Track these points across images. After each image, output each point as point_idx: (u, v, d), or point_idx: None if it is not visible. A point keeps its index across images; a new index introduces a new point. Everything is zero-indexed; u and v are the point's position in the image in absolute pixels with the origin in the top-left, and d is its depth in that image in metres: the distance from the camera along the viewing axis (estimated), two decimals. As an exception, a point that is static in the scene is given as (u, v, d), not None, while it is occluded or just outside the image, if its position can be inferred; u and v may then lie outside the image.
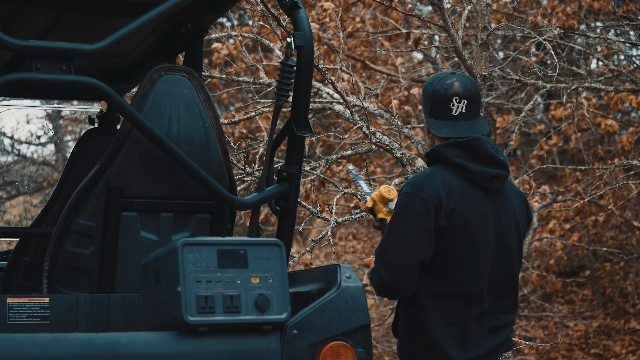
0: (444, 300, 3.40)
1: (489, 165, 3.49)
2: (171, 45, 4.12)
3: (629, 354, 10.17)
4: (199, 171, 3.30)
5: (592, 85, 7.32)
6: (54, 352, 2.80)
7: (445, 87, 3.53)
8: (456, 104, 3.53)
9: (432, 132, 3.56)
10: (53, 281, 3.41)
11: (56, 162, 13.98)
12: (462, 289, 3.39)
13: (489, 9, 5.95)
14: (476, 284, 3.40)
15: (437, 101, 3.55)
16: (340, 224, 6.14)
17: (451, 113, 3.53)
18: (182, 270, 2.94)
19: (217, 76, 6.91)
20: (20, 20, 3.83)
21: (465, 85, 3.53)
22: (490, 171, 3.49)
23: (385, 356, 10.69)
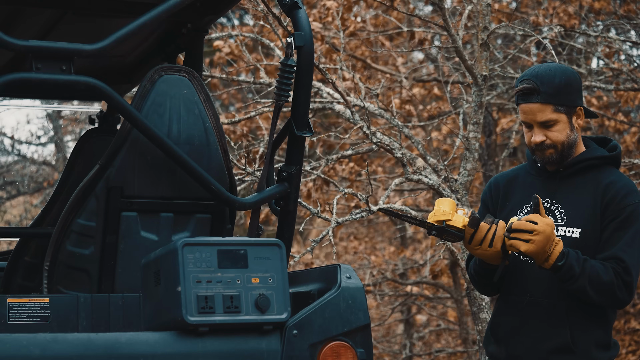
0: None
1: None
2: (171, 45, 4.12)
3: (629, 354, 10.16)
4: (199, 171, 3.30)
5: (592, 84, 7.31)
6: (54, 352, 2.80)
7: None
8: None
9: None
10: (53, 281, 3.40)
11: (56, 162, 13.98)
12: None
13: (489, 9, 5.95)
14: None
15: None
16: (341, 224, 6.13)
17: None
18: (182, 270, 2.94)
19: (217, 76, 6.91)
20: (20, 20, 3.83)
21: None
22: None
23: (386, 356, 10.70)
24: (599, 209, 3.50)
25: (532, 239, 3.33)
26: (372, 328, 4.89)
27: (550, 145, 3.52)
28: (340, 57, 6.56)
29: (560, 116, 3.50)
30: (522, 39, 7.69)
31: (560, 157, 3.54)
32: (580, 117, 3.56)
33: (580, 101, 3.56)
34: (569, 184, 3.57)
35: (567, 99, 3.51)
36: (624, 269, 3.42)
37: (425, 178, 6.01)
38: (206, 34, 4.10)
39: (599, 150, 3.61)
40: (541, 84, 3.49)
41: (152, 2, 3.32)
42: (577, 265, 3.38)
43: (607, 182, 3.53)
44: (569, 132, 3.52)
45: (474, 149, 5.88)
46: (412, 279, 10.32)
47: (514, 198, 3.64)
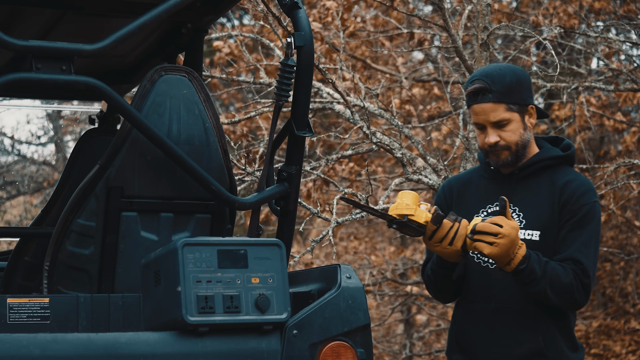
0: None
1: None
2: (171, 45, 4.12)
3: (629, 354, 10.17)
4: (199, 171, 3.30)
5: (592, 85, 7.31)
6: (54, 352, 2.80)
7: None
8: None
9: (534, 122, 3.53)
10: (53, 281, 3.40)
11: (56, 162, 13.98)
12: None
13: (489, 9, 5.95)
14: None
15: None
16: (341, 224, 6.14)
17: None
18: (182, 270, 2.94)
19: (217, 76, 6.91)
20: (20, 20, 3.83)
21: None
22: None
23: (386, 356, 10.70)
24: (556, 210, 3.46)
25: (497, 242, 3.28)
26: (372, 328, 4.89)
27: (505, 147, 3.48)
28: (340, 57, 6.56)
29: (513, 115, 3.46)
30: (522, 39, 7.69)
31: (515, 159, 3.50)
32: (533, 115, 3.51)
33: (532, 100, 3.52)
34: (524, 186, 3.53)
35: (519, 97, 3.47)
36: (583, 270, 3.41)
37: (425, 178, 6.02)
38: (206, 34, 4.09)
39: (553, 150, 3.57)
40: (492, 83, 3.45)
41: (152, 2, 3.32)
42: (538, 268, 3.34)
43: (563, 181, 3.50)
44: (522, 131, 3.48)
45: (474, 149, 5.89)
46: (412, 279, 10.32)
47: (469, 203, 3.59)
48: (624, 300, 11.22)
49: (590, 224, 3.44)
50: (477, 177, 3.62)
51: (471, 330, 3.53)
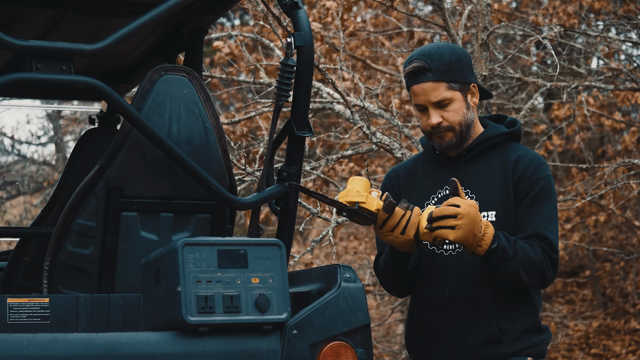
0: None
1: None
2: (171, 45, 4.12)
3: (629, 354, 10.17)
4: (199, 171, 3.30)
5: (592, 84, 7.31)
6: (54, 352, 2.80)
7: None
8: None
9: (478, 100, 3.43)
10: (53, 281, 3.40)
11: (56, 162, 13.98)
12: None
13: (489, 9, 5.95)
14: None
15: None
16: (341, 224, 6.14)
17: None
18: (182, 270, 2.94)
19: (217, 76, 6.91)
20: (20, 20, 3.83)
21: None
22: None
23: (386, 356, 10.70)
24: (510, 187, 3.34)
25: (458, 224, 3.13)
26: (372, 328, 4.89)
27: (448, 128, 3.36)
28: (340, 57, 6.56)
29: (454, 94, 3.35)
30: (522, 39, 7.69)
31: (459, 140, 3.38)
32: (475, 94, 3.40)
33: (473, 78, 3.41)
34: (474, 166, 3.41)
35: (460, 75, 3.35)
36: (549, 246, 3.28)
37: (425, 178, 6.01)
38: (206, 34, 4.09)
39: (499, 128, 3.45)
40: (431, 62, 3.33)
41: (152, 2, 3.32)
42: (509, 248, 3.21)
43: (515, 157, 3.37)
44: (465, 110, 3.37)
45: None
46: (412, 279, 10.29)
47: (417, 190, 3.46)
48: (624, 300, 11.22)
49: (549, 198, 3.33)
50: (423, 164, 3.50)
51: (427, 321, 3.42)
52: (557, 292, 12.10)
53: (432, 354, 3.41)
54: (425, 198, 3.43)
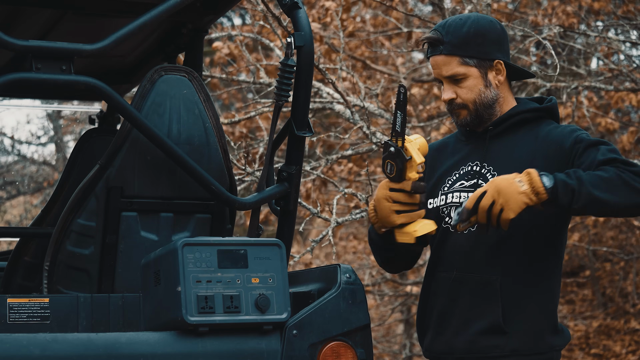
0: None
1: None
2: (171, 45, 4.12)
3: (629, 354, 10.17)
4: (199, 171, 3.30)
5: (592, 85, 7.32)
6: (54, 352, 2.80)
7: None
8: None
9: (509, 79, 3.19)
10: (53, 281, 3.41)
11: (56, 162, 13.99)
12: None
13: (489, 9, 5.95)
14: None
15: (507, 41, 3.20)
16: (341, 224, 6.14)
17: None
18: (182, 270, 2.94)
19: (217, 76, 6.92)
20: (20, 20, 3.83)
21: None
22: None
23: (386, 356, 10.70)
24: (542, 160, 3.07)
25: (495, 198, 2.92)
26: (372, 328, 4.89)
27: (461, 105, 3.15)
28: (339, 57, 6.56)
29: (469, 70, 3.12)
30: (521, 39, 7.69)
31: (476, 119, 3.16)
32: (502, 72, 3.16)
33: (501, 55, 3.15)
34: (500, 142, 3.18)
35: (478, 50, 3.12)
36: (623, 162, 2.95)
37: (425, 178, 6.01)
38: (206, 34, 4.10)
39: (531, 103, 3.21)
40: (446, 34, 3.12)
41: (152, 2, 3.32)
42: (569, 179, 2.92)
43: (546, 131, 3.14)
44: (483, 88, 3.13)
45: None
46: (412, 279, 10.32)
47: (443, 165, 3.28)
48: (624, 300, 11.22)
49: (601, 142, 3.03)
50: (454, 141, 3.31)
51: (434, 303, 3.23)
52: (557, 292, 12.10)
53: (434, 337, 3.23)
54: (448, 174, 3.24)
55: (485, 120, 3.17)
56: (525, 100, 3.24)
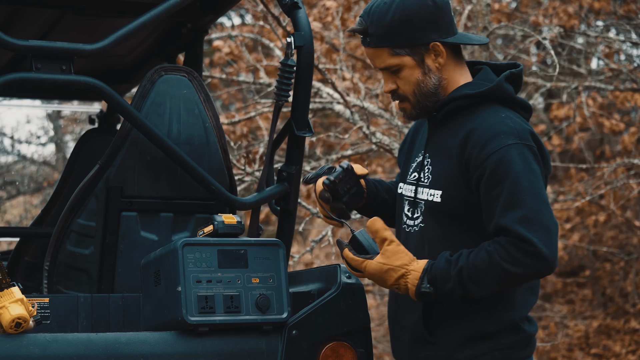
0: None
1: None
2: (171, 45, 4.12)
3: (629, 353, 10.17)
4: (199, 171, 3.30)
5: (592, 85, 7.32)
6: (54, 352, 2.80)
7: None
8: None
9: (450, 58, 2.83)
10: (53, 281, 3.41)
11: (56, 162, 13.99)
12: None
13: (489, 9, 5.95)
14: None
15: (446, 12, 2.84)
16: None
17: (455, 27, 2.86)
18: (182, 270, 2.94)
19: (217, 76, 6.91)
20: (20, 21, 3.83)
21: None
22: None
23: (386, 356, 10.69)
24: (460, 165, 2.75)
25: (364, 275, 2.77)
26: (372, 328, 4.89)
27: (403, 97, 2.85)
28: (340, 57, 6.56)
29: (402, 60, 2.81)
30: (522, 39, 7.69)
31: (421, 111, 2.86)
32: (441, 53, 2.81)
33: (437, 35, 2.79)
34: (441, 132, 2.86)
35: (408, 37, 2.78)
36: (517, 237, 2.62)
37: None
38: (206, 34, 4.10)
39: (470, 86, 2.84)
40: (370, 24, 2.81)
41: (152, 2, 3.32)
42: (453, 291, 2.68)
43: (470, 128, 2.76)
44: (421, 77, 2.81)
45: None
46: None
47: (413, 149, 3.01)
48: (624, 300, 11.22)
49: (508, 175, 2.65)
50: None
51: (389, 305, 3.01)
52: (557, 292, 12.10)
53: (392, 344, 3.01)
54: (411, 160, 2.98)
55: (431, 109, 2.86)
56: (483, 74, 2.89)
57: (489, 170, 2.68)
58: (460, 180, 2.75)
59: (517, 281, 2.70)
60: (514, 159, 2.67)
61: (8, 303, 2.76)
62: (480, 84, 2.83)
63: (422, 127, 2.98)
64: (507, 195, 2.64)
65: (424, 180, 2.85)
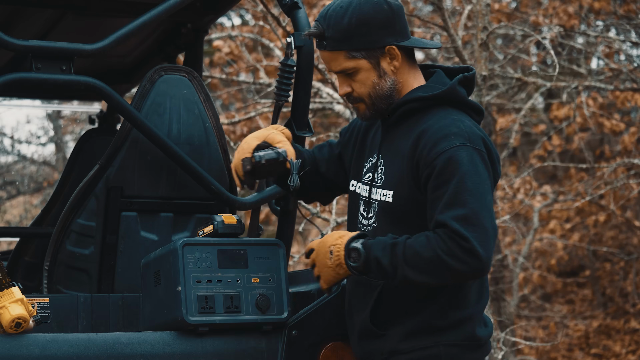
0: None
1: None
2: (171, 45, 4.12)
3: (629, 353, 10.17)
4: (199, 171, 3.30)
5: (592, 84, 7.32)
6: (54, 352, 2.80)
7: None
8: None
9: (404, 60, 2.86)
10: (53, 281, 3.41)
11: (56, 162, 13.99)
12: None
13: (489, 9, 5.95)
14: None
15: (401, 16, 2.87)
16: (341, 224, 6.14)
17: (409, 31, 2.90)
18: (182, 270, 2.94)
19: (217, 76, 6.91)
20: (20, 21, 3.83)
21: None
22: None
23: (386, 356, 10.71)
24: (410, 166, 2.80)
25: (315, 262, 2.87)
26: (372, 328, 4.88)
27: (358, 99, 2.88)
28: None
29: (358, 63, 2.84)
30: (522, 39, 7.69)
31: (375, 113, 2.89)
32: (397, 57, 2.84)
33: (393, 38, 2.83)
34: (394, 134, 2.90)
35: (364, 41, 2.82)
36: (453, 232, 2.67)
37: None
38: (206, 34, 4.10)
39: (423, 89, 2.88)
40: (327, 27, 2.83)
41: (152, 2, 3.32)
42: (383, 256, 2.72)
43: (422, 129, 2.80)
44: (377, 79, 2.84)
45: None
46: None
47: (364, 146, 3.02)
48: (624, 300, 11.23)
49: (456, 174, 2.71)
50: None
51: (345, 301, 3.05)
52: (557, 292, 12.11)
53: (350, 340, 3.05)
54: (364, 159, 3.00)
55: (385, 111, 2.90)
56: (436, 78, 2.92)
57: (437, 169, 2.73)
58: (411, 180, 2.80)
59: (450, 275, 2.71)
60: (461, 159, 2.72)
61: (8, 303, 2.76)
62: (433, 87, 2.87)
63: (373, 127, 3.01)
64: (451, 194, 2.70)
65: (377, 181, 2.89)
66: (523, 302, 11.30)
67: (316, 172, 3.12)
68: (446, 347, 2.81)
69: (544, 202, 9.39)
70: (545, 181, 11.52)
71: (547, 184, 10.91)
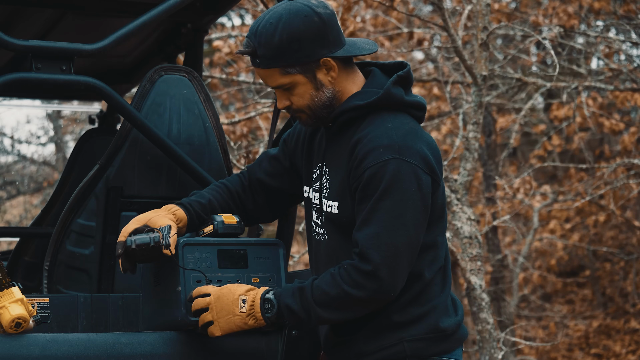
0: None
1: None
2: (171, 45, 4.12)
3: (629, 353, 10.18)
4: (199, 171, 3.30)
5: (592, 85, 7.32)
6: (54, 352, 2.80)
7: (325, 5, 2.82)
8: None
9: (340, 67, 2.81)
10: (53, 281, 3.41)
11: (56, 162, 13.99)
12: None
13: (489, 9, 5.96)
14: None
15: (333, 25, 2.82)
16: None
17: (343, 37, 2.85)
18: (182, 270, 2.94)
19: (217, 76, 6.91)
20: (20, 21, 3.83)
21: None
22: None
23: (386, 356, 10.71)
24: (347, 176, 2.79)
25: (211, 306, 2.83)
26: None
27: (299, 110, 2.85)
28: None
29: (294, 78, 2.79)
30: (522, 39, 7.70)
31: (317, 120, 2.85)
32: (333, 67, 2.80)
33: (326, 50, 2.78)
34: (336, 143, 2.87)
35: (298, 56, 2.77)
36: (360, 256, 2.69)
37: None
38: (206, 34, 4.10)
39: (363, 95, 2.83)
40: (259, 45, 2.77)
41: (152, 2, 3.32)
42: (295, 303, 2.75)
43: (356, 139, 2.78)
44: (314, 92, 2.80)
45: (473, 149, 5.88)
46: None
47: (312, 153, 2.98)
48: (624, 300, 11.23)
49: (375, 192, 2.70)
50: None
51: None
52: (557, 292, 12.11)
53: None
54: (313, 166, 2.97)
55: (327, 119, 2.86)
56: (372, 80, 2.87)
57: (362, 184, 2.72)
58: (352, 191, 2.78)
59: (360, 306, 2.73)
60: (385, 176, 2.69)
61: (8, 303, 2.76)
62: (369, 93, 2.83)
63: (319, 131, 2.98)
64: (369, 210, 2.70)
65: (324, 191, 2.86)
66: (523, 302, 11.31)
67: (267, 190, 3.07)
68: (410, 343, 2.79)
69: (543, 202, 9.40)
70: (545, 181, 11.53)
71: (547, 184, 10.92)
